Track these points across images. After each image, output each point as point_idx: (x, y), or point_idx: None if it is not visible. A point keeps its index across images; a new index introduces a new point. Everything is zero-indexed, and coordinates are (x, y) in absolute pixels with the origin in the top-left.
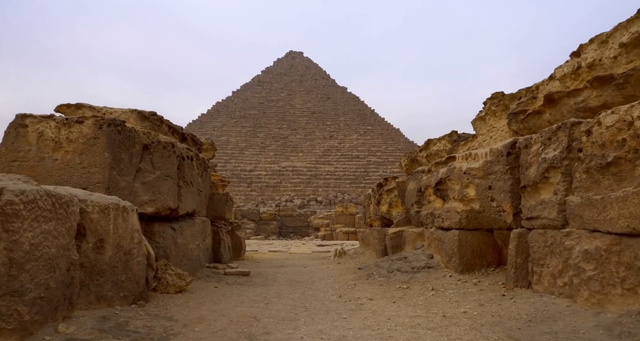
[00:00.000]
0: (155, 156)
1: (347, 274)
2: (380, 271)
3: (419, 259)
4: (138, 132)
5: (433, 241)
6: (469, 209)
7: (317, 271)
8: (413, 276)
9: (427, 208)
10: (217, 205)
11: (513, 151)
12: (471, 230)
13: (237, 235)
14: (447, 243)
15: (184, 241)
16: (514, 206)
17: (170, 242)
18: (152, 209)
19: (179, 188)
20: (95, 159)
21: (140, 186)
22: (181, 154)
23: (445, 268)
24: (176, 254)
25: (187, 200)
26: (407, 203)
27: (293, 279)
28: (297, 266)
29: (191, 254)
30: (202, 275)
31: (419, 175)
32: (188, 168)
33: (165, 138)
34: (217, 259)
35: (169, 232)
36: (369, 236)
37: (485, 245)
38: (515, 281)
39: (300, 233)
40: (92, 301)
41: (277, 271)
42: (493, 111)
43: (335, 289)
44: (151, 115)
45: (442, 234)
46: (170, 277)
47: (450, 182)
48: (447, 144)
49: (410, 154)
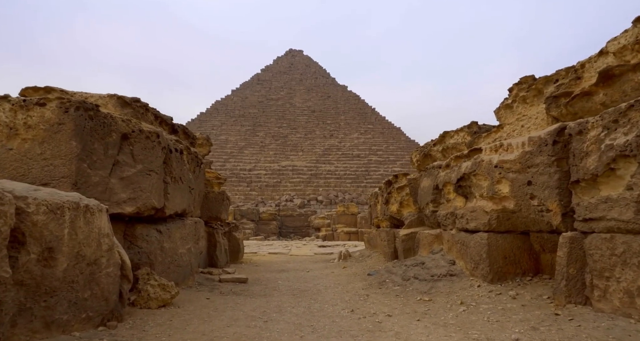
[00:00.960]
0: (137, 148)
1: (355, 282)
2: (394, 278)
3: (439, 265)
4: (115, 118)
5: (454, 244)
6: (501, 209)
7: (321, 277)
8: (433, 285)
9: (445, 207)
10: (212, 204)
11: (561, 138)
12: (502, 233)
13: (234, 237)
14: (473, 247)
15: (172, 245)
16: (563, 205)
17: (155, 247)
18: (131, 209)
19: (166, 185)
20: (59, 149)
21: (118, 182)
22: (168, 146)
23: (470, 277)
24: (162, 260)
25: (175, 198)
26: (421, 202)
27: (296, 287)
28: (299, 271)
29: (180, 260)
30: (193, 283)
31: (434, 171)
32: (177, 162)
33: (149, 127)
34: (212, 263)
35: (154, 235)
36: (376, 238)
37: (519, 250)
38: (568, 297)
39: (300, 233)
40: (38, 330)
41: (277, 277)
42: (522, 97)
43: (345, 301)
44: (134, 101)
45: (466, 237)
46: (152, 289)
47: (476, 177)
48: (467, 136)
49: (422, 148)
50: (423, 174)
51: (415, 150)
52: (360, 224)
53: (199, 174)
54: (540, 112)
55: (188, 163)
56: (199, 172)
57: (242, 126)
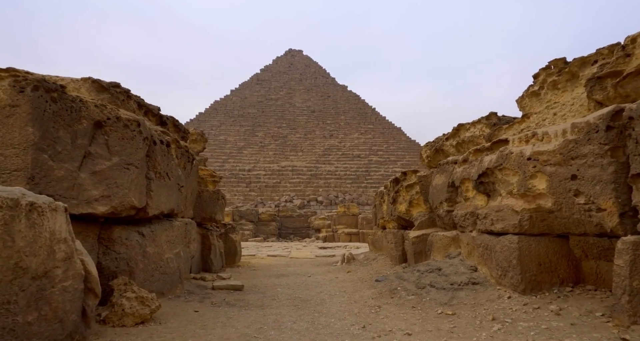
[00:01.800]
0: (113, 137)
1: (363, 289)
2: (407, 286)
3: (458, 271)
4: (87, 103)
5: (475, 248)
6: (535, 208)
7: (324, 282)
8: (454, 295)
9: (463, 206)
10: (207, 204)
11: (616, 123)
12: (536, 236)
13: (231, 239)
14: (500, 252)
15: (156, 250)
16: (620, 203)
17: (136, 252)
18: (105, 208)
19: (149, 181)
20: (11, 137)
21: (89, 177)
22: (152, 137)
23: (497, 285)
24: (144, 267)
25: (160, 197)
26: (433, 201)
27: (297, 296)
28: (300, 275)
29: (167, 267)
30: (182, 292)
31: (448, 167)
32: (162, 156)
33: (128, 114)
34: (206, 267)
35: (135, 239)
36: (382, 240)
37: (556, 256)
38: (633, 316)
39: (300, 234)
40: None
41: (276, 284)
42: (553, 82)
43: (354, 314)
44: (112, 86)
45: (490, 240)
46: (128, 303)
47: (502, 172)
48: (485, 128)
49: (433, 143)
50: (435, 171)
51: (424, 145)
52: (362, 225)
53: (191, 171)
54: (576, 98)
55: (177, 158)
56: (190, 169)
57: (241, 126)
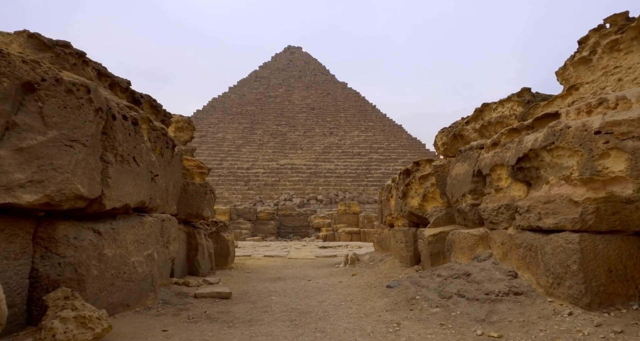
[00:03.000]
0: (50, 105)
1: (374, 298)
2: (427, 294)
3: (492, 278)
4: (9, 56)
5: (513, 249)
6: (604, 197)
7: (327, 288)
8: (492, 308)
9: (493, 198)
10: (193, 199)
11: None
12: (604, 233)
13: (223, 238)
14: (552, 254)
15: (119, 252)
16: None
17: (88, 255)
18: (34, 197)
19: (105, 165)
20: None
21: (12, 155)
22: (110, 110)
23: (548, 296)
24: (100, 274)
25: (124, 186)
26: (452, 194)
27: (294, 306)
28: (298, 279)
29: (133, 272)
30: (154, 303)
31: (472, 153)
32: (126, 136)
33: (74, 77)
34: (192, 270)
35: (87, 238)
36: (389, 239)
37: (632, 260)
38: None
39: (300, 233)
40: None
41: (271, 290)
42: (611, 43)
43: (367, 334)
44: (58, 44)
45: (535, 239)
46: (62, 326)
47: (554, 153)
48: (517, 106)
49: (450, 129)
50: (454, 160)
51: (440, 132)
52: (363, 223)
53: (172, 159)
54: None
55: (151, 141)
56: (171, 157)
57: (240, 123)
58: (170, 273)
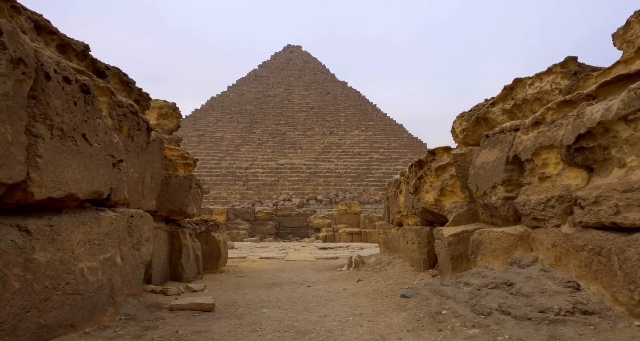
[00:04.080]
0: None
1: (387, 311)
2: (456, 308)
3: (545, 289)
4: None
5: (572, 252)
6: None
7: (329, 297)
8: (554, 333)
9: (537, 189)
10: (175, 193)
11: None
12: None
13: (213, 238)
14: (638, 260)
15: (58, 257)
16: None
17: (7, 261)
18: None
19: (34, 139)
20: None
21: None
22: (41, 66)
23: (633, 317)
24: (26, 287)
25: (65, 170)
26: (478, 186)
27: (290, 323)
28: (296, 285)
29: (82, 283)
30: (113, 320)
31: (504, 137)
32: (70, 103)
33: None
34: (175, 275)
35: (7, 238)
36: (398, 239)
37: None
38: None
39: (299, 233)
40: None
41: (264, 299)
42: None
43: None
44: None
45: (607, 239)
46: None
47: (635, 125)
48: (561, 79)
49: (472, 112)
50: (478, 147)
51: (459, 116)
52: (364, 224)
53: (148, 146)
54: None
55: (113, 118)
56: (145, 142)
57: (239, 123)
58: (148, 280)
